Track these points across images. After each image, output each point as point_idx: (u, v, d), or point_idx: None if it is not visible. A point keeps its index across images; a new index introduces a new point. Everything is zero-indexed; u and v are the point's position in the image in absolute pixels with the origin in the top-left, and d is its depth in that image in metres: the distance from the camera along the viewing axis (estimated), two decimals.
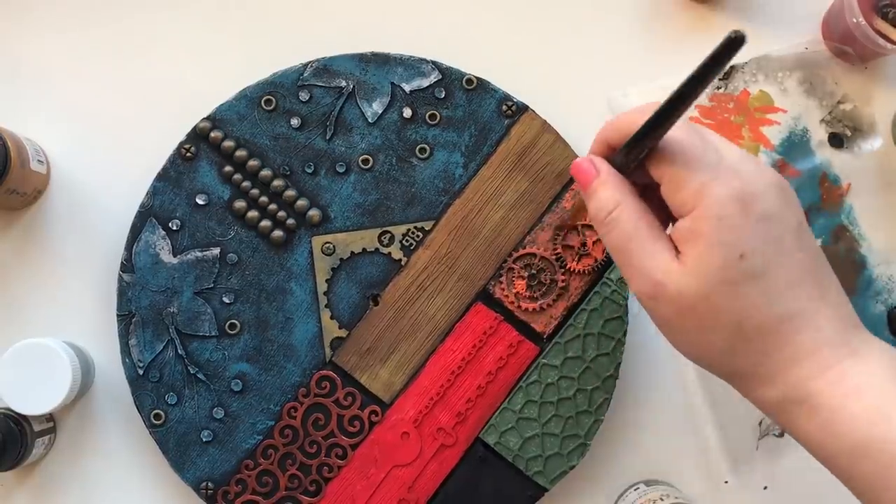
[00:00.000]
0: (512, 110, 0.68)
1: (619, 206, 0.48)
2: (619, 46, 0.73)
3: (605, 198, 0.48)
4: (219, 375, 0.65)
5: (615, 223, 0.48)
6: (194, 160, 0.66)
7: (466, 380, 0.66)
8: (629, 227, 0.47)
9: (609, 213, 0.48)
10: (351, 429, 0.65)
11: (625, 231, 0.47)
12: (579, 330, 0.66)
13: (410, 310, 0.66)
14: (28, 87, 0.71)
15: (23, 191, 0.66)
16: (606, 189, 0.48)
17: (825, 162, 0.71)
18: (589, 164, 0.49)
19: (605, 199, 0.48)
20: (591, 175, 0.49)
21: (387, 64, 0.68)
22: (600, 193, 0.48)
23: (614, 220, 0.48)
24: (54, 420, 0.68)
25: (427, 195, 0.67)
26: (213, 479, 0.65)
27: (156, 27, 0.71)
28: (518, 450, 0.65)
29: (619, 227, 0.48)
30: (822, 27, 0.73)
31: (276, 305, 0.66)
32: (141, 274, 0.66)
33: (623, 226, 0.47)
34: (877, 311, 0.71)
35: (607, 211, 0.48)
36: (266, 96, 0.67)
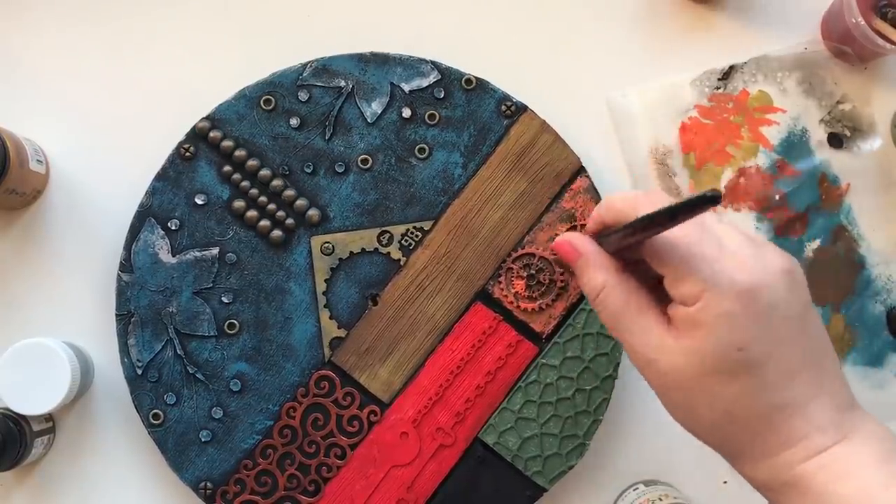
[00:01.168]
0: (511, 110, 0.68)
1: (605, 287, 0.49)
2: (618, 47, 0.73)
3: (591, 280, 0.50)
4: (218, 375, 0.65)
5: (603, 304, 0.49)
6: (193, 160, 0.66)
7: (465, 380, 0.66)
8: (617, 307, 0.49)
9: (597, 295, 0.49)
10: (350, 429, 0.65)
11: (613, 311, 0.49)
12: (578, 330, 0.66)
13: (409, 310, 0.66)
14: (27, 87, 0.71)
15: (22, 191, 0.66)
16: (590, 271, 0.50)
17: (824, 162, 0.71)
18: (569, 245, 0.51)
19: (591, 281, 0.50)
20: (572, 256, 0.51)
21: (386, 64, 0.68)
22: (587, 275, 0.50)
23: (601, 301, 0.49)
24: (53, 420, 0.68)
25: (426, 195, 0.67)
26: (212, 478, 0.65)
27: (155, 27, 0.71)
28: (517, 450, 0.65)
29: (608, 308, 0.49)
30: (822, 27, 0.73)
31: (275, 305, 0.66)
32: (140, 274, 0.66)
33: (611, 307, 0.49)
34: (876, 311, 0.71)
35: (595, 293, 0.50)
36: (265, 96, 0.67)
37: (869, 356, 0.70)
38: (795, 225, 0.71)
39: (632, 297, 0.49)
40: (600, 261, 0.50)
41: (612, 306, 0.49)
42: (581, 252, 0.51)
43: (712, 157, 0.71)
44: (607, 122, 0.72)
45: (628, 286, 0.49)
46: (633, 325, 0.48)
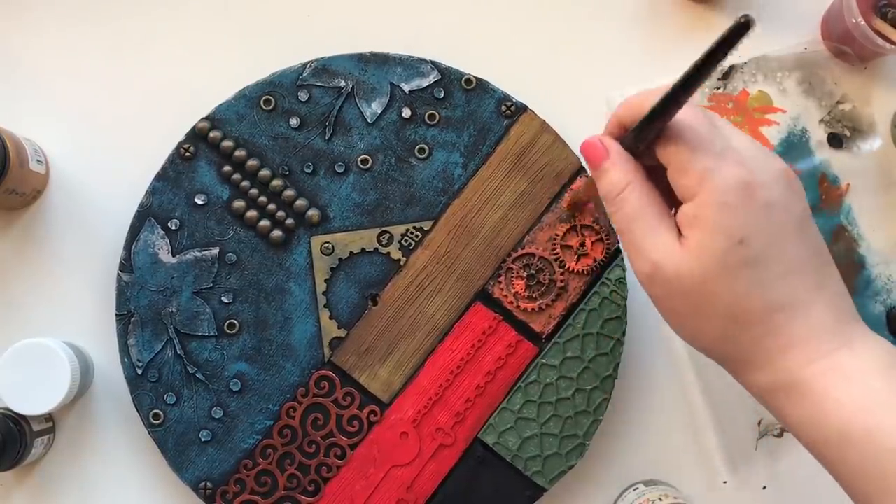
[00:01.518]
0: (511, 110, 0.68)
1: (629, 186, 0.48)
2: (618, 46, 0.73)
3: (614, 178, 0.49)
4: (217, 375, 0.65)
5: (623, 202, 0.48)
6: (193, 160, 0.67)
7: (465, 380, 0.66)
8: (636, 208, 0.48)
9: (619, 193, 0.49)
10: (350, 429, 0.65)
11: (631, 211, 0.48)
12: (578, 330, 0.66)
13: (409, 310, 0.66)
14: (27, 87, 0.71)
15: (22, 191, 0.66)
16: (616, 170, 0.49)
17: (824, 162, 0.71)
18: (599, 143, 0.50)
19: (614, 180, 0.49)
20: (600, 154, 0.50)
21: (386, 64, 0.68)
22: (610, 174, 0.49)
23: (623, 199, 0.48)
24: (53, 420, 0.68)
25: (426, 195, 0.67)
26: (212, 478, 0.65)
27: (155, 27, 0.71)
28: (517, 450, 0.65)
29: (627, 207, 0.48)
30: (822, 27, 0.73)
31: (275, 305, 0.66)
32: (140, 273, 0.66)
33: (630, 206, 0.48)
34: (876, 311, 0.71)
35: (617, 191, 0.49)
36: (265, 96, 0.67)
37: None
38: None
39: (652, 199, 0.48)
40: (626, 161, 0.49)
41: (631, 205, 0.48)
42: (609, 150, 0.50)
43: None
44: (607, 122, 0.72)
45: (650, 189, 0.49)
46: (647, 227, 0.47)
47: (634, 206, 0.48)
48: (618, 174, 0.49)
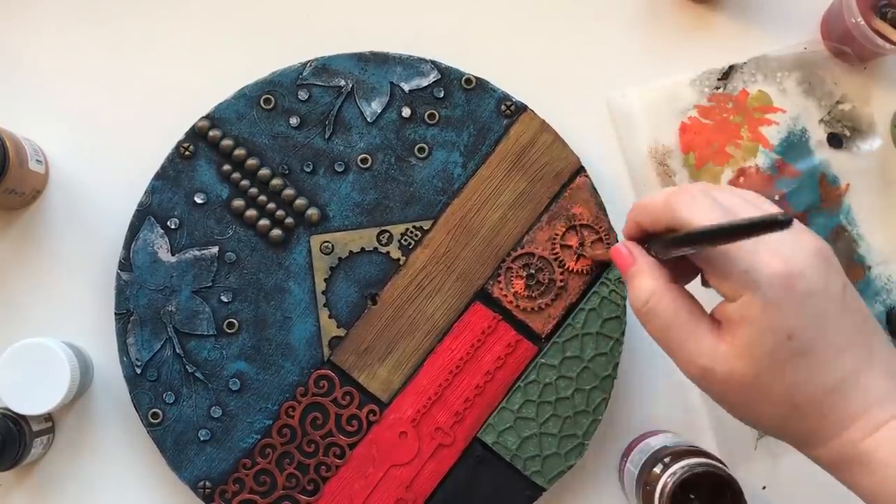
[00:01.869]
0: (511, 110, 0.68)
1: (654, 295, 0.49)
2: (617, 46, 0.73)
3: (640, 287, 0.49)
4: (217, 374, 0.65)
5: (653, 313, 0.49)
6: (193, 159, 0.67)
7: (465, 379, 0.66)
8: (667, 316, 0.48)
9: (645, 302, 0.49)
10: (349, 428, 0.65)
11: (663, 320, 0.48)
12: (577, 329, 0.66)
13: (409, 309, 0.66)
14: (27, 87, 0.71)
15: (21, 190, 0.66)
16: (642, 278, 0.50)
17: (824, 162, 0.71)
18: (627, 252, 0.51)
19: (641, 289, 0.49)
20: (628, 263, 0.51)
21: (386, 63, 0.68)
22: (636, 282, 0.50)
23: (652, 309, 0.49)
24: (53, 420, 0.68)
25: (426, 195, 0.67)
26: (211, 478, 0.65)
27: (155, 26, 0.71)
28: (516, 449, 0.65)
29: (658, 317, 0.49)
30: (821, 27, 0.73)
31: (275, 304, 0.66)
32: (139, 273, 0.66)
33: (661, 315, 0.49)
34: (876, 311, 0.71)
35: (644, 300, 0.49)
36: (265, 95, 0.67)
37: None
38: None
39: (682, 304, 0.49)
40: (652, 269, 0.50)
41: (663, 314, 0.48)
42: (636, 259, 0.51)
43: (712, 157, 0.71)
44: (607, 122, 0.72)
45: (678, 294, 0.49)
46: (685, 333, 0.48)
47: (665, 313, 0.48)
48: (644, 282, 0.49)
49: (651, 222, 0.50)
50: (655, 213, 0.50)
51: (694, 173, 0.70)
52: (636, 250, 0.51)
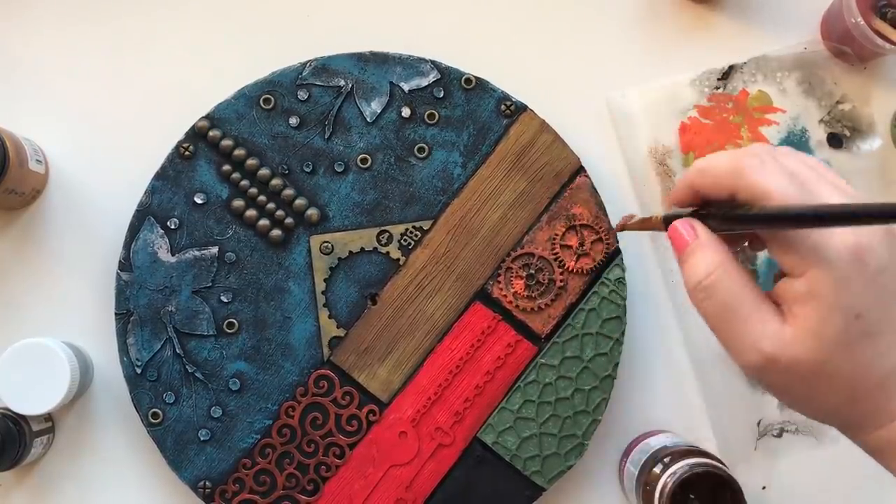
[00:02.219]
0: (511, 110, 0.68)
1: (717, 270, 0.44)
2: (617, 46, 0.73)
3: (701, 261, 0.45)
4: (217, 374, 0.65)
5: (713, 290, 0.44)
6: (193, 159, 0.67)
7: (464, 379, 0.66)
8: (730, 294, 0.44)
9: (706, 277, 0.45)
10: (349, 428, 0.65)
11: (724, 298, 0.44)
12: (577, 330, 0.66)
13: (409, 309, 0.66)
14: (27, 87, 0.71)
15: (21, 190, 0.66)
16: (704, 252, 0.45)
17: (824, 162, 0.71)
18: (689, 227, 0.46)
19: (701, 264, 0.45)
20: (688, 239, 0.46)
21: (385, 63, 0.68)
22: (697, 257, 0.45)
23: (712, 286, 0.44)
24: (53, 420, 0.68)
25: (425, 195, 0.67)
26: (211, 478, 0.65)
27: (155, 26, 0.71)
28: (516, 449, 0.65)
29: (719, 295, 0.44)
30: (821, 27, 0.73)
31: (275, 304, 0.66)
32: (139, 273, 0.66)
33: (722, 294, 0.44)
34: None
35: (704, 275, 0.45)
36: (265, 95, 0.67)
37: None
38: None
39: (746, 282, 0.44)
40: (715, 245, 0.45)
41: (725, 293, 0.44)
42: (697, 233, 0.46)
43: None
44: (607, 122, 0.72)
45: (741, 270, 0.45)
46: (747, 315, 0.44)
47: (728, 291, 0.44)
48: (706, 257, 0.45)
49: (713, 186, 0.45)
50: (719, 176, 0.45)
51: None
52: (698, 225, 0.46)
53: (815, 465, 0.69)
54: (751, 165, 0.44)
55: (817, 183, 0.44)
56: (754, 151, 0.45)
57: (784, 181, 0.43)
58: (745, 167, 0.44)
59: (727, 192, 0.45)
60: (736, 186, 0.44)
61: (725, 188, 0.45)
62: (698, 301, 0.45)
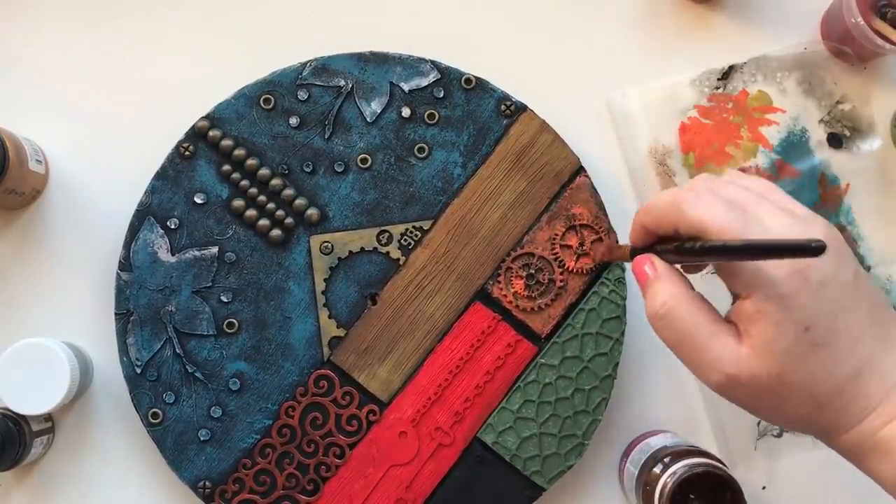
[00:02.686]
0: (511, 110, 0.68)
1: (672, 299, 0.47)
2: (617, 46, 0.73)
3: (658, 292, 0.48)
4: (216, 374, 0.65)
5: (670, 318, 0.47)
6: (193, 159, 0.67)
7: (464, 379, 0.66)
8: (686, 321, 0.47)
9: (662, 306, 0.47)
10: (349, 428, 0.65)
11: (681, 327, 0.47)
12: (577, 330, 0.66)
13: (409, 309, 0.66)
14: (26, 87, 0.71)
15: (21, 191, 0.66)
16: (660, 283, 0.48)
17: (824, 162, 0.71)
18: (649, 264, 0.49)
19: (658, 294, 0.48)
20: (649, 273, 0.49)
21: (385, 63, 0.68)
22: (654, 288, 0.48)
23: (669, 314, 0.47)
24: (53, 420, 0.68)
25: (425, 195, 0.67)
26: (211, 478, 0.65)
27: (155, 26, 0.71)
28: (516, 449, 0.65)
29: (675, 324, 0.47)
30: (821, 27, 0.73)
31: (275, 304, 0.66)
32: (139, 272, 0.66)
33: (679, 321, 0.47)
34: None
35: (660, 305, 0.47)
36: (265, 95, 0.67)
37: None
38: None
39: (702, 309, 0.47)
40: (670, 277, 0.48)
41: (682, 321, 0.47)
42: (655, 267, 0.49)
43: (712, 157, 0.71)
44: (607, 122, 0.72)
45: (698, 300, 0.48)
46: (706, 340, 0.46)
47: (684, 319, 0.47)
48: (662, 287, 0.48)
49: (657, 224, 0.49)
50: (661, 214, 0.48)
51: (694, 173, 0.70)
52: (656, 260, 0.49)
53: (815, 465, 0.69)
54: (686, 200, 0.46)
55: (758, 206, 0.47)
56: (691, 186, 0.48)
57: (721, 210, 0.45)
58: (680, 203, 0.47)
59: (672, 228, 0.48)
60: (676, 221, 0.47)
61: (669, 224, 0.48)
62: (658, 329, 0.48)
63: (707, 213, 0.45)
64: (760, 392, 0.46)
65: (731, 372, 0.46)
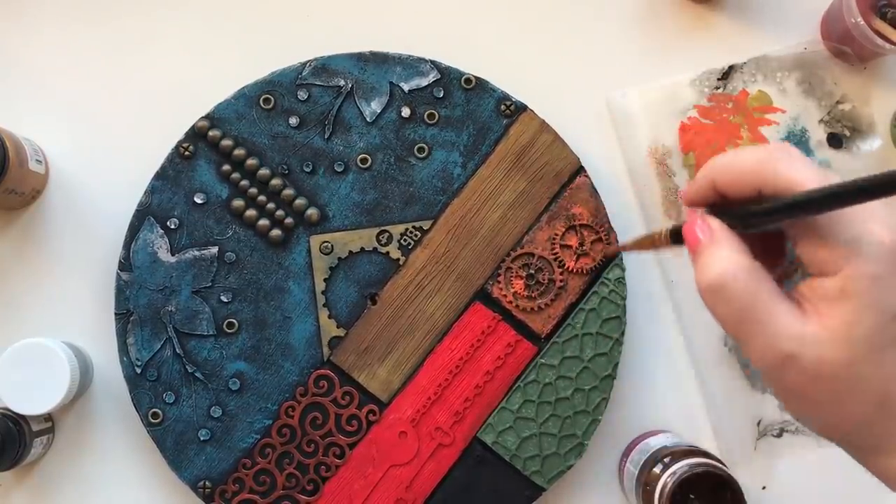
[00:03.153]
0: (510, 110, 0.68)
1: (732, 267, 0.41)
2: (617, 46, 0.73)
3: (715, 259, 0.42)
4: (216, 374, 0.65)
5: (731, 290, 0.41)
6: (192, 159, 0.67)
7: (464, 379, 0.66)
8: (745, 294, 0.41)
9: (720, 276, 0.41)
10: (349, 428, 0.65)
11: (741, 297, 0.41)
12: (577, 330, 0.66)
13: (408, 309, 0.66)
14: (26, 87, 0.71)
15: (21, 191, 0.66)
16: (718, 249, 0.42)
17: (824, 162, 0.71)
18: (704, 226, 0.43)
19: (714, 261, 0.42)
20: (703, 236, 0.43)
21: (385, 63, 0.68)
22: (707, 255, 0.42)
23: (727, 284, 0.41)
24: (53, 420, 0.68)
25: (425, 194, 0.67)
26: (211, 477, 0.65)
27: (154, 26, 0.71)
28: (516, 449, 0.65)
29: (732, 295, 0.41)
30: (821, 27, 0.73)
31: (274, 304, 0.66)
32: (139, 272, 0.66)
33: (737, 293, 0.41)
34: None
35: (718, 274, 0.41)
36: (264, 95, 0.67)
37: None
38: None
39: (765, 280, 0.41)
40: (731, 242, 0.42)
41: (740, 290, 0.41)
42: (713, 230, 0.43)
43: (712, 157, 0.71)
44: (607, 122, 0.72)
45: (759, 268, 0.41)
46: (765, 313, 0.40)
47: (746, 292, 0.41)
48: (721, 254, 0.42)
49: (736, 183, 0.42)
50: (747, 171, 0.42)
51: (694, 173, 0.70)
52: (714, 221, 0.43)
53: (815, 465, 0.69)
54: (781, 159, 0.41)
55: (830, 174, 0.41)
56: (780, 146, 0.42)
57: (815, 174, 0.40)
58: (776, 160, 0.41)
59: (752, 189, 0.42)
60: (765, 181, 0.41)
61: (751, 185, 0.42)
62: (711, 303, 0.42)
63: (806, 174, 0.40)
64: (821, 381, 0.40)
65: (790, 351, 0.40)
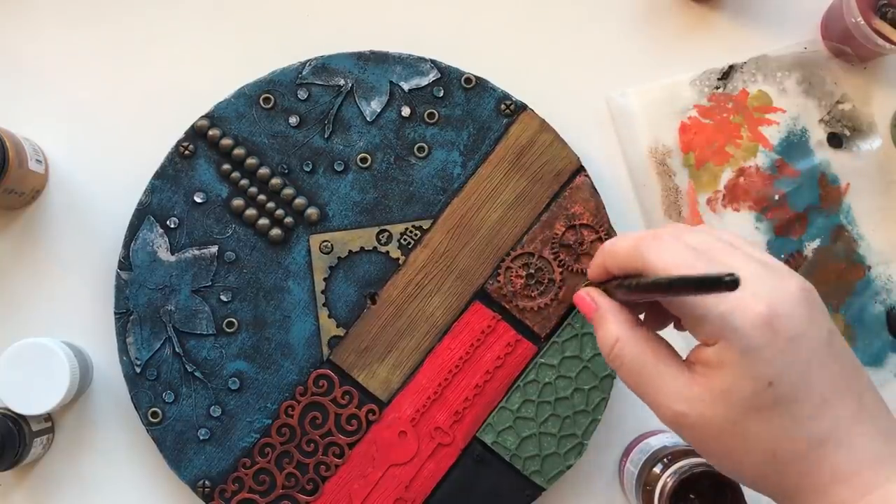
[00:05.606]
0: (510, 109, 0.68)
1: (619, 341, 0.46)
2: (617, 46, 0.73)
3: (604, 334, 0.47)
4: (216, 374, 0.65)
5: (620, 359, 0.46)
6: (192, 158, 0.67)
7: (464, 379, 0.66)
8: (634, 361, 0.46)
9: (611, 348, 0.47)
10: (348, 427, 0.65)
11: (630, 365, 0.46)
12: (577, 329, 0.66)
13: (408, 308, 0.66)
14: (26, 87, 0.71)
15: (21, 190, 0.66)
16: (606, 324, 0.47)
17: (824, 162, 0.71)
18: (588, 299, 0.49)
19: (605, 335, 0.47)
20: (590, 309, 0.49)
21: (385, 62, 0.68)
22: (600, 329, 0.48)
23: (617, 356, 0.46)
24: (52, 420, 0.68)
25: (425, 194, 0.67)
26: (211, 477, 0.65)
27: (154, 26, 0.71)
28: (515, 449, 0.65)
29: (624, 362, 0.46)
30: (821, 27, 0.73)
31: (274, 304, 0.66)
32: (139, 272, 0.66)
33: (627, 360, 0.46)
34: (875, 311, 0.70)
35: (609, 347, 0.47)
36: (264, 94, 0.67)
37: (869, 356, 0.70)
38: (795, 225, 0.71)
39: (648, 348, 0.46)
40: (615, 314, 0.47)
41: (629, 359, 0.46)
42: (598, 305, 0.48)
43: (712, 157, 0.71)
44: (607, 121, 0.72)
45: (644, 337, 0.46)
46: (654, 377, 0.45)
47: (631, 359, 0.46)
48: (608, 328, 0.47)
49: (618, 267, 0.47)
50: (623, 257, 0.47)
51: (694, 173, 0.70)
52: (596, 295, 0.49)
53: None
54: (649, 246, 0.45)
55: (727, 254, 0.45)
56: (657, 233, 0.46)
57: (686, 257, 0.44)
58: (643, 249, 0.45)
59: (631, 271, 0.46)
60: (637, 265, 0.46)
61: (629, 267, 0.46)
62: (614, 367, 0.47)
63: (670, 260, 0.44)
64: (711, 437, 0.44)
65: (680, 410, 0.44)
